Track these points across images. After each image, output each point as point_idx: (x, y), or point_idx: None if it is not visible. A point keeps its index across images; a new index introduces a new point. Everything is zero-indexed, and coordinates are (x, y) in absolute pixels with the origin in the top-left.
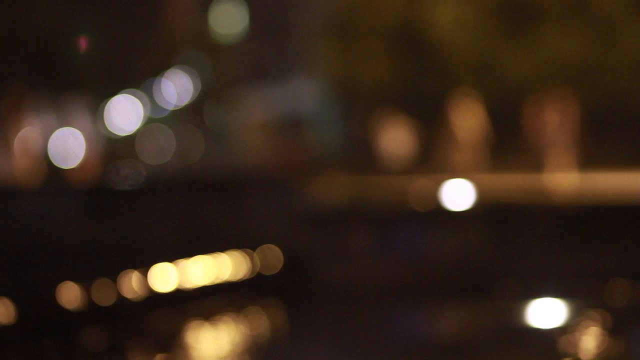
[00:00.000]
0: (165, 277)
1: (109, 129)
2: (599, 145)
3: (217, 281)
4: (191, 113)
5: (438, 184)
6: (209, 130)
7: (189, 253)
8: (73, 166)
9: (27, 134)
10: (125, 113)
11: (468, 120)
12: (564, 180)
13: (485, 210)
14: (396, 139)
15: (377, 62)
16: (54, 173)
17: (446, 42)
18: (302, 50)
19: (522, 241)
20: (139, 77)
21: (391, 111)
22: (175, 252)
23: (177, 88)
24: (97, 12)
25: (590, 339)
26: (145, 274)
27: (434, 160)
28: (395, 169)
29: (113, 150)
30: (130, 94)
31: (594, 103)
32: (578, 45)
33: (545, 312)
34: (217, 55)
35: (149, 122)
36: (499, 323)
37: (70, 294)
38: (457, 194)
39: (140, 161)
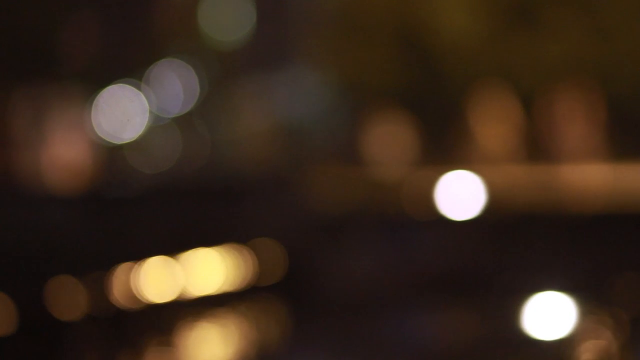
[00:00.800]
0: (161, 274)
1: (99, 134)
2: (620, 139)
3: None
4: (196, 114)
5: (444, 180)
6: (210, 133)
7: (189, 246)
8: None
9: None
10: (122, 110)
11: (492, 111)
12: (585, 172)
13: (494, 215)
14: (400, 136)
15: (383, 60)
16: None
17: (453, 38)
18: (305, 46)
19: (532, 245)
20: (134, 64)
21: (397, 110)
22: (174, 246)
23: (182, 82)
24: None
25: (602, 344)
26: (136, 270)
27: (445, 155)
28: (399, 165)
29: (110, 156)
30: (127, 84)
31: (612, 95)
32: (591, 37)
33: (557, 312)
34: (217, 52)
35: (152, 126)
36: (507, 328)
37: (60, 290)
38: (466, 191)
39: (137, 170)
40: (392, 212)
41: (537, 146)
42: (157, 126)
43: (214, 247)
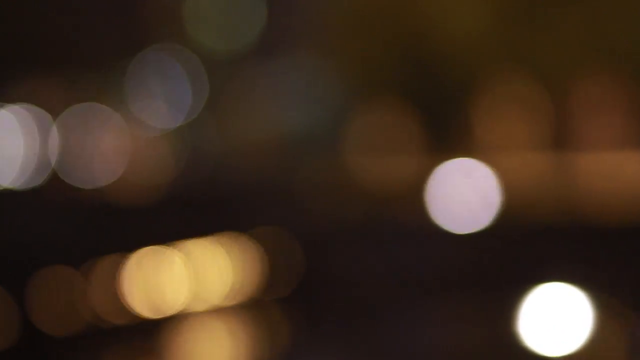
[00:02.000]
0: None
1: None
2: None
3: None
4: (197, 121)
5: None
6: (212, 139)
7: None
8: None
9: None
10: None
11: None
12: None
13: (510, 219)
14: (409, 133)
15: (388, 55)
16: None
17: (466, 25)
18: (308, 45)
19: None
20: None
21: (406, 106)
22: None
23: (188, 75)
24: None
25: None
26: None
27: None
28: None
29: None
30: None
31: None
32: (619, 21)
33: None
34: (218, 55)
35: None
36: (513, 329)
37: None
38: (477, 189)
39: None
40: (397, 214)
41: (562, 135)
42: (158, 135)
43: (216, 243)
